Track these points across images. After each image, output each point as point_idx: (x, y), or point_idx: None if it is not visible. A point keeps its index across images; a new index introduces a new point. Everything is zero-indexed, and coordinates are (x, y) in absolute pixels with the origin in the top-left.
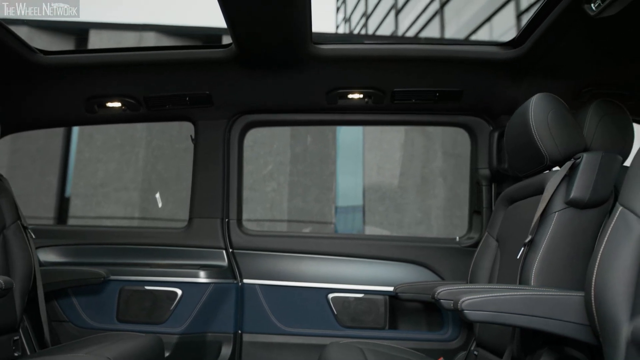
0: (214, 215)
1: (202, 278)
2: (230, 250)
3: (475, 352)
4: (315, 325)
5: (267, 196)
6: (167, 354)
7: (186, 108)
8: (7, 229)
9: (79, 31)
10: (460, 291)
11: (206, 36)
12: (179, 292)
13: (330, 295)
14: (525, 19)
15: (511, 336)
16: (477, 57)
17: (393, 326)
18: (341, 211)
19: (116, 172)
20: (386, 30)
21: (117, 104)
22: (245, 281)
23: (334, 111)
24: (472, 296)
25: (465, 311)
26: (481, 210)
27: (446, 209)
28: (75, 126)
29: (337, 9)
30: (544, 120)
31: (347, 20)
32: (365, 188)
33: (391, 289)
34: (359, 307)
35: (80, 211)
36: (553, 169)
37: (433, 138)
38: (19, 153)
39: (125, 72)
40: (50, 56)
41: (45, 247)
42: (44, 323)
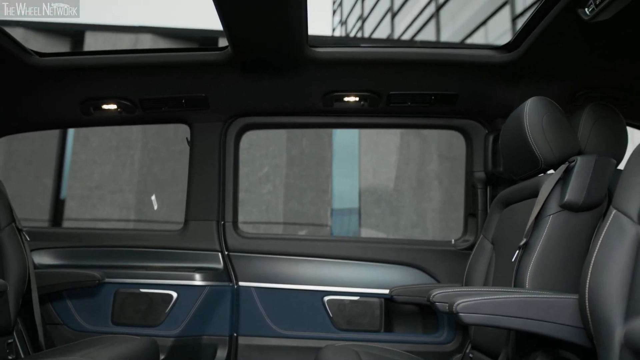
0: (210, 217)
1: (198, 281)
2: (225, 252)
3: (470, 355)
4: (310, 327)
5: (263, 198)
6: (162, 357)
7: (182, 110)
8: (2, 231)
9: (75, 33)
10: (455, 294)
11: (202, 39)
12: (175, 295)
13: (325, 297)
14: (520, 23)
15: (506, 339)
16: (473, 61)
17: (388, 329)
18: (337, 214)
19: (112, 174)
20: (382, 33)
21: (113, 106)
22: (240, 284)
23: (330, 114)
24: (467, 299)
25: (460, 314)
26: (476, 213)
27: (442, 212)
28: (70, 128)
29: (334, 12)
30: (539, 123)
31: (344, 23)
32: (361, 191)
33: (387, 292)
34: (355, 310)
35: (75, 213)
36: (548, 172)
37: (429, 141)
38: (14, 155)
39: (121, 74)
40: (45, 58)
41: (39, 250)
42: (39, 326)
